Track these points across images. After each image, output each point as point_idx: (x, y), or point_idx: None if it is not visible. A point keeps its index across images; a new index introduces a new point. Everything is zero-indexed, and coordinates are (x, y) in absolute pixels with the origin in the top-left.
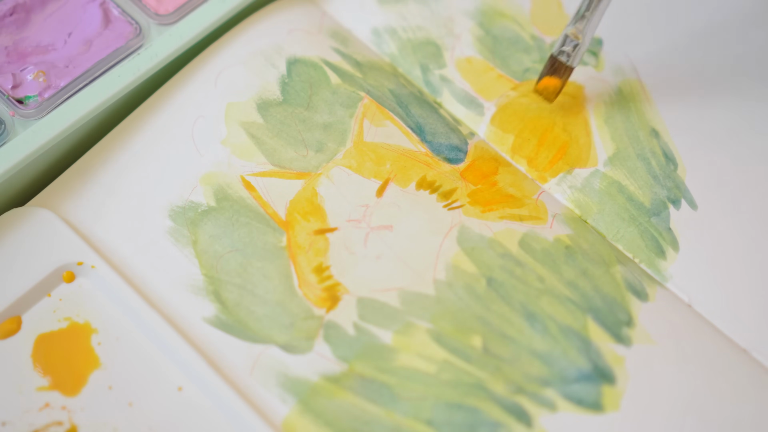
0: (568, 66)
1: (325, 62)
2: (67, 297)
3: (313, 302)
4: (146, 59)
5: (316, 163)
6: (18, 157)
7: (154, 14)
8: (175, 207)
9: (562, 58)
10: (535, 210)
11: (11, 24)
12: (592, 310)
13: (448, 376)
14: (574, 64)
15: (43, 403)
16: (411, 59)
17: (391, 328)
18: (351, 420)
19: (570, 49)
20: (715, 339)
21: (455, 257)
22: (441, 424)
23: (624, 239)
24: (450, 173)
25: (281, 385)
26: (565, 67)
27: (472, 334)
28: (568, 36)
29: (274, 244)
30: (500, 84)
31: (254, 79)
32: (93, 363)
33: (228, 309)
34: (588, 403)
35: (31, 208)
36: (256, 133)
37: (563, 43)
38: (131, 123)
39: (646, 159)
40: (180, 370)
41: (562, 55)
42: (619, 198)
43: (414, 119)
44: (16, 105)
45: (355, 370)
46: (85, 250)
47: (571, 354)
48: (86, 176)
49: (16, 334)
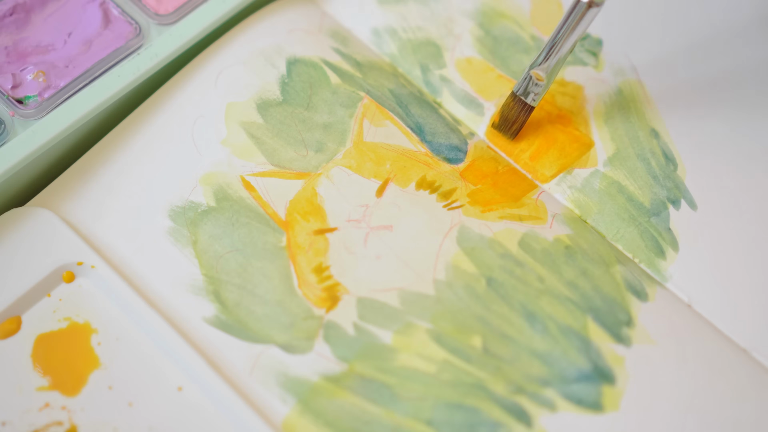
0: (528, 105)
1: (325, 62)
2: (67, 297)
3: (313, 302)
4: (146, 59)
5: (316, 163)
6: (18, 157)
7: (154, 14)
8: (175, 207)
9: (526, 97)
10: (534, 210)
11: (11, 24)
12: (592, 310)
13: (448, 376)
14: (535, 103)
15: (43, 403)
16: (411, 59)
17: (391, 328)
18: (351, 420)
19: (534, 89)
20: (715, 339)
21: (455, 257)
22: (441, 424)
23: (624, 239)
24: (450, 173)
25: (281, 385)
26: (527, 105)
27: (472, 334)
28: (531, 77)
29: (274, 244)
30: (500, 84)
31: (254, 79)
32: (93, 363)
33: (228, 309)
34: (588, 403)
35: (31, 208)
36: (256, 133)
37: (527, 83)
38: (131, 123)
39: (645, 159)
40: (180, 370)
41: (525, 94)
42: (619, 198)
43: (414, 119)
44: (16, 105)
45: (355, 370)
46: (84, 250)
47: (571, 354)
48: (86, 176)
49: (16, 334)
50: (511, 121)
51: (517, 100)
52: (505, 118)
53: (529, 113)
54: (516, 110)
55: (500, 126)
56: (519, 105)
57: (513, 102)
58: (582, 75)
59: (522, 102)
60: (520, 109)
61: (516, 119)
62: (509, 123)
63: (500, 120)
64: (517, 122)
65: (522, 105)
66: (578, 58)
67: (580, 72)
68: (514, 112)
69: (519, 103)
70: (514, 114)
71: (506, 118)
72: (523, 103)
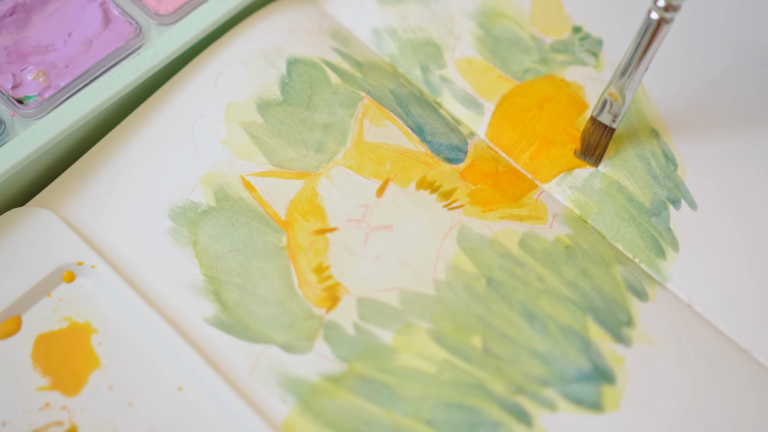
0: (609, 127)
1: (325, 62)
2: (67, 297)
3: (313, 302)
4: (146, 59)
5: (316, 163)
6: (18, 157)
7: (154, 14)
8: (175, 207)
9: (604, 120)
10: (535, 210)
11: (11, 24)
12: (592, 310)
13: (448, 376)
14: (615, 125)
15: (43, 403)
16: (411, 59)
17: (391, 328)
18: (351, 420)
19: (612, 111)
20: (715, 339)
21: (455, 257)
22: (441, 424)
23: (624, 239)
24: (450, 173)
25: (281, 385)
26: (607, 128)
27: (472, 334)
28: (608, 99)
29: (274, 244)
30: (500, 84)
31: (254, 79)
32: (93, 363)
33: (228, 309)
34: (588, 403)
35: (31, 208)
36: (256, 133)
37: (603, 106)
38: (131, 123)
39: (646, 159)
40: (180, 370)
41: (602, 116)
42: (619, 198)
43: (414, 119)
44: (16, 105)
45: (355, 370)
46: (85, 250)
47: (571, 354)
48: (86, 176)
49: (16, 334)
50: (593, 146)
51: (597, 124)
52: (587, 143)
53: (610, 136)
54: (597, 134)
55: (584, 153)
56: (600, 129)
57: (593, 126)
58: (582, 75)
59: (602, 125)
60: (601, 133)
61: (598, 143)
62: (592, 148)
63: (583, 147)
64: (599, 146)
65: (603, 129)
66: (578, 58)
67: (580, 72)
68: (595, 136)
69: (599, 127)
70: (596, 138)
71: (588, 143)
72: (604, 126)
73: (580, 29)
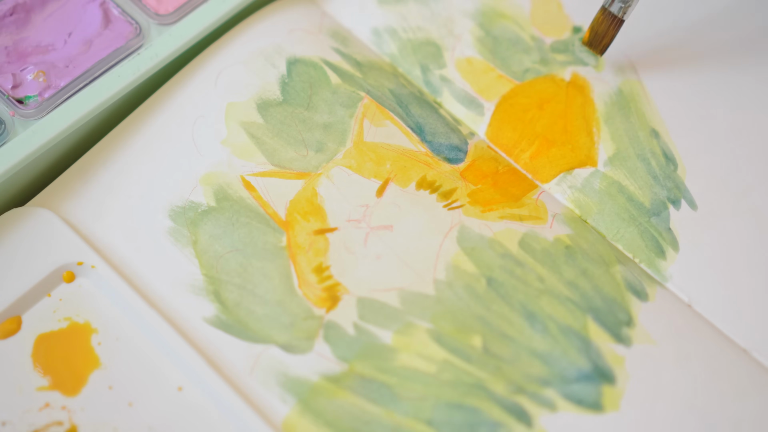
0: (618, 18)
1: (325, 62)
2: (67, 297)
3: (313, 302)
4: (146, 59)
5: (316, 163)
6: (18, 157)
7: (154, 14)
8: (175, 207)
9: (614, 9)
10: (535, 210)
11: (11, 24)
12: (592, 310)
13: (448, 376)
14: (625, 16)
15: (43, 403)
16: (411, 59)
17: (391, 328)
18: (351, 420)
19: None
20: (715, 339)
21: (455, 257)
22: (441, 424)
23: (624, 239)
24: (450, 173)
25: (281, 385)
26: (616, 18)
27: (472, 334)
28: None
29: (274, 244)
30: (500, 84)
31: (254, 79)
32: (93, 363)
33: (228, 309)
34: (588, 403)
35: (31, 208)
36: (256, 133)
37: None
38: (131, 123)
39: (646, 159)
40: (180, 370)
41: (613, 6)
42: (619, 198)
43: (414, 119)
44: (16, 105)
45: (355, 370)
46: (85, 250)
47: (571, 354)
48: (86, 176)
49: (16, 334)
50: (601, 36)
51: (606, 14)
52: (595, 33)
53: (618, 27)
54: (606, 24)
55: (590, 42)
56: (609, 19)
57: (603, 17)
58: (582, 75)
59: (611, 16)
60: (609, 23)
61: (606, 33)
62: (599, 37)
63: (590, 35)
64: (606, 37)
65: (612, 19)
66: (578, 58)
67: (580, 72)
68: (603, 26)
69: (609, 17)
70: (604, 28)
71: (596, 32)
72: (613, 16)
73: (580, 29)
